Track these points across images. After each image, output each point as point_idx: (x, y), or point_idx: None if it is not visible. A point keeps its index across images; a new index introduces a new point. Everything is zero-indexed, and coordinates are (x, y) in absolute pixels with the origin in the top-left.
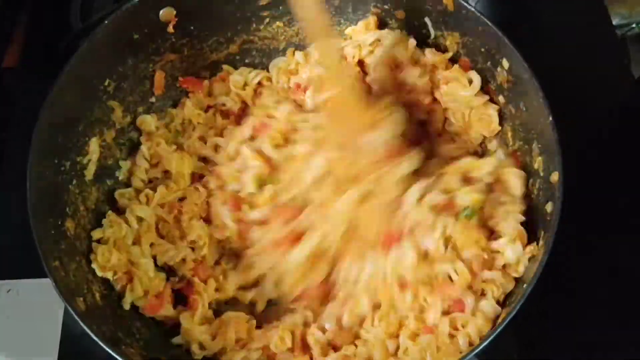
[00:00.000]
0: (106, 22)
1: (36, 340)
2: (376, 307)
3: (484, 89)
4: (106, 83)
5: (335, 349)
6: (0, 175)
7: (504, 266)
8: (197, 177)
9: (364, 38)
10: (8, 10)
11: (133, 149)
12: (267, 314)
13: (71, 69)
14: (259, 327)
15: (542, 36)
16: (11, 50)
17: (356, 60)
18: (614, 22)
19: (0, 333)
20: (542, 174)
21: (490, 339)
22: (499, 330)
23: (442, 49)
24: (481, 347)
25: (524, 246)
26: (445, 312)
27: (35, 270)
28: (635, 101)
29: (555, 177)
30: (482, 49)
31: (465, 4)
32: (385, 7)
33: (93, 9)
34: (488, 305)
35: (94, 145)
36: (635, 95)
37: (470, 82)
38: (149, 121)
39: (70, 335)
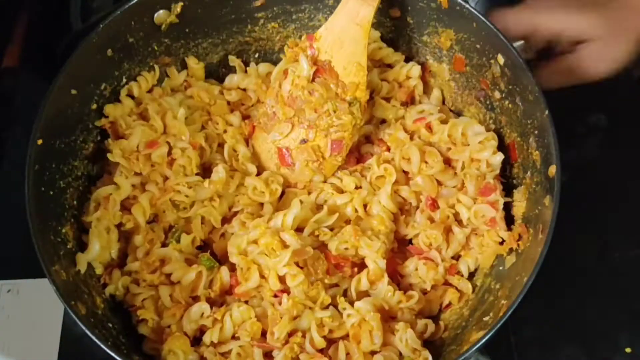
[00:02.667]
0: (101, 26)
1: (36, 340)
2: None
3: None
4: (102, 87)
5: None
6: (0, 175)
7: None
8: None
9: None
10: (8, 10)
11: None
12: None
13: (66, 74)
14: None
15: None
16: (11, 50)
17: None
18: None
19: (0, 333)
20: (539, 167)
21: (492, 333)
22: (500, 323)
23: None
24: (483, 341)
25: None
26: None
27: (36, 271)
28: (635, 101)
29: (552, 170)
30: (477, 45)
31: (460, 0)
32: (380, 5)
33: (93, 9)
34: None
35: (92, 150)
36: (635, 95)
37: None
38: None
39: (70, 335)
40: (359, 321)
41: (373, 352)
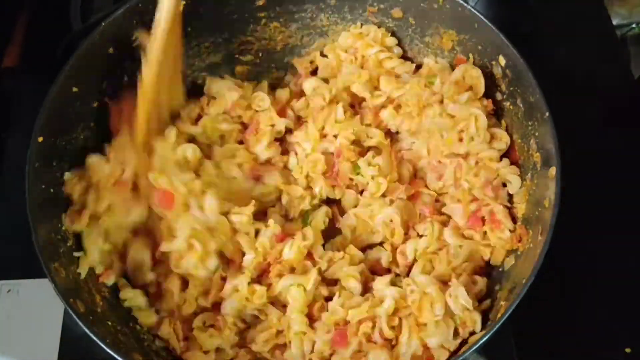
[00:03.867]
0: (103, 24)
1: (36, 341)
2: None
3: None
4: (104, 85)
5: None
6: (1, 175)
7: None
8: None
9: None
10: (8, 11)
11: None
12: None
13: (68, 71)
14: None
15: (542, 37)
16: (11, 50)
17: None
18: (614, 22)
19: (0, 333)
20: (539, 169)
21: (490, 334)
22: (499, 324)
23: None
24: (482, 341)
25: None
26: None
27: (36, 271)
28: (635, 100)
29: (552, 172)
30: (479, 47)
31: (461, 1)
32: (382, 6)
33: (92, 9)
34: None
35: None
36: (635, 95)
37: None
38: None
39: (70, 335)
40: (420, 296)
41: None
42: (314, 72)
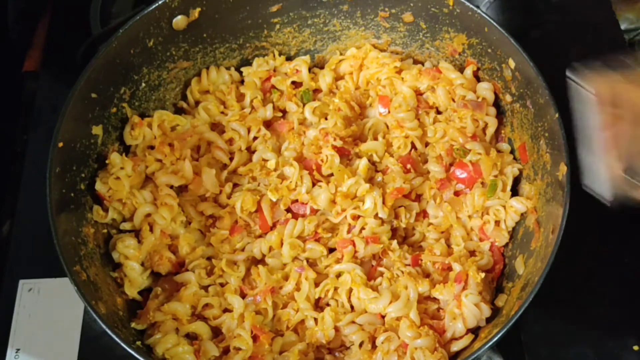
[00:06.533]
0: (120, 31)
1: (57, 339)
2: None
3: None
4: (122, 91)
5: None
6: (22, 177)
7: None
8: None
9: None
10: (29, 16)
11: None
12: None
13: (87, 78)
14: None
15: (551, 41)
16: (32, 54)
17: None
18: (622, 27)
19: (22, 331)
20: (550, 169)
21: (505, 330)
22: (512, 321)
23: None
24: (496, 338)
25: None
26: None
27: (56, 270)
28: None
29: (563, 172)
30: (489, 50)
31: (471, 5)
32: (393, 11)
33: (112, 14)
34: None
35: (112, 155)
36: None
37: None
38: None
39: (90, 333)
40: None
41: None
42: None
